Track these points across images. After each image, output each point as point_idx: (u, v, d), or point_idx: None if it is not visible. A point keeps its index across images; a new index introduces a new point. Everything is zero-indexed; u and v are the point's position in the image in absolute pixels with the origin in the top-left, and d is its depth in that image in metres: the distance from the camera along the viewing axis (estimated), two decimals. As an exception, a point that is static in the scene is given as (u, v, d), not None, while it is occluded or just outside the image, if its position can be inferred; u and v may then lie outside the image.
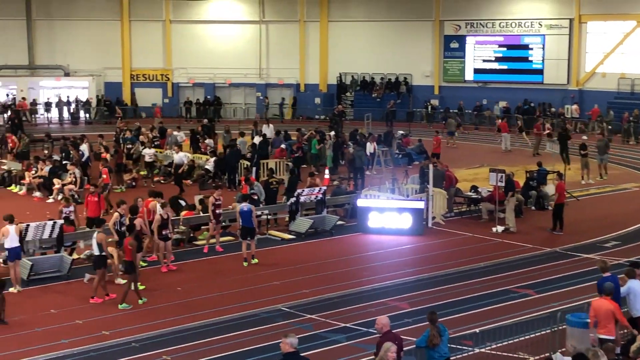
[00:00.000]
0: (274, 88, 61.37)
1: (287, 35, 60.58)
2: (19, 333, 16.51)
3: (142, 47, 61.05)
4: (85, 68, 60.44)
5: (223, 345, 15.84)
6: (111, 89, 60.65)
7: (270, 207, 26.32)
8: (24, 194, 31.36)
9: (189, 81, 61.52)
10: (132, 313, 17.79)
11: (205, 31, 61.38)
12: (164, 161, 36.25)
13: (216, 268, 21.45)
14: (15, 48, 59.37)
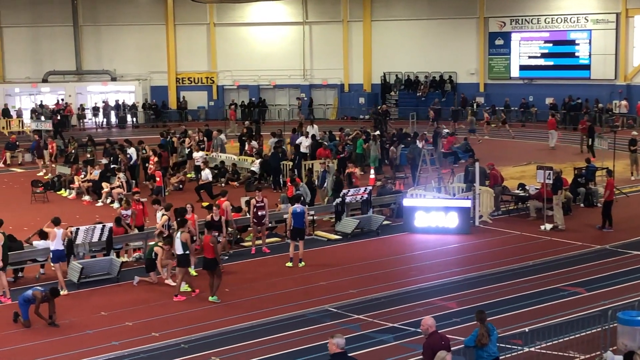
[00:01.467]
0: (318, 89, 61.45)
1: (330, 36, 60.60)
2: (70, 335, 16.74)
3: (187, 51, 61.53)
4: (132, 72, 61.12)
5: (271, 346, 15.89)
6: (157, 93, 61.24)
7: (316, 207, 26.36)
8: (73, 197, 31.81)
9: (233, 84, 61.85)
10: (181, 314, 17.93)
11: (249, 33, 61.65)
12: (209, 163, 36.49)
13: (263, 269, 21.52)
14: (63, 54, 60.26)
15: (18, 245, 20.83)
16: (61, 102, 58.57)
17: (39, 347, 16.05)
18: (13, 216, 27.62)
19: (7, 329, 17.13)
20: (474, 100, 56.53)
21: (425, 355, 12.19)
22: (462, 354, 13.67)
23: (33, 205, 30.58)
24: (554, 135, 42.89)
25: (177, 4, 60.90)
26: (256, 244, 23.40)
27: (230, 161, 35.66)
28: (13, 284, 20.17)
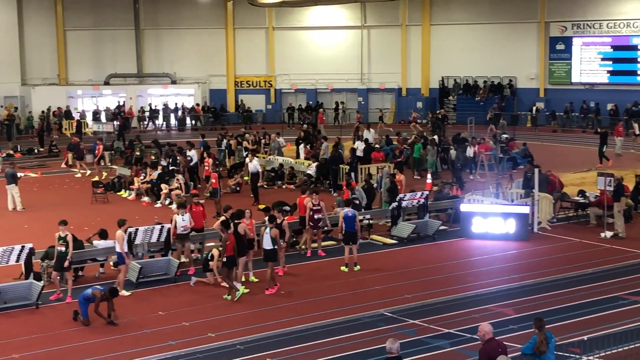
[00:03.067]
0: (375, 93, 61.42)
1: (388, 40, 60.54)
2: (128, 334, 16.97)
3: (246, 54, 62.04)
4: (191, 76, 61.85)
5: (326, 349, 15.90)
6: (216, 96, 61.85)
7: (372, 211, 26.32)
8: (133, 198, 32.26)
9: (291, 87, 62.16)
10: (238, 315, 18.06)
11: (308, 37, 61.91)
12: (266, 166, 36.74)
13: (318, 272, 21.55)
14: (125, 57, 61.26)
15: (79, 245, 21.16)
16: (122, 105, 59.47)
17: (98, 346, 16.30)
18: (74, 216, 28.13)
19: (67, 327, 17.44)
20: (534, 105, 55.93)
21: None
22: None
23: (94, 205, 31.10)
24: (619, 142, 42.05)
25: (236, 8, 61.43)
26: (312, 247, 23.44)
27: (288, 164, 35.82)
28: (73, 282, 20.51)
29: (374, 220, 26.16)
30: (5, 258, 19.04)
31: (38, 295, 18.81)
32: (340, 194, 28.54)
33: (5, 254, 19.02)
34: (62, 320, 17.87)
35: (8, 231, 26.11)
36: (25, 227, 26.85)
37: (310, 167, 34.21)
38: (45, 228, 24.19)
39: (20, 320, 17.96)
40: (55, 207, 30.47)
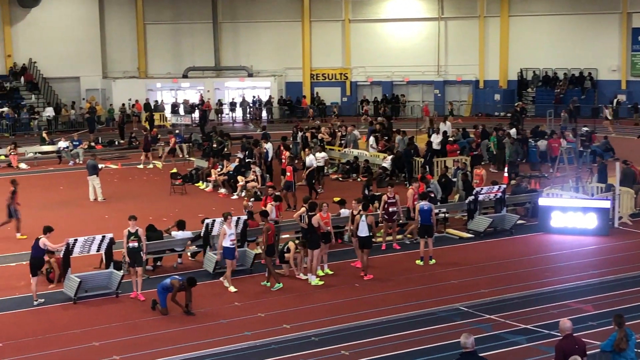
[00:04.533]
0: (452, 85, 60.87)
1: (466, 32, 59.90)
2: (205, 324, 17.20)
3: (322, 47, 62.14)
4: (268, 68, 62.25)
5: (400, 343, 15.84)
6: (292, 89, 62.12)
7: (448, 205, 26.11)
8: (210, 190, 32.64)
9: (367, 80, 62.04)
10: (312, 307, 18.13)
11: (384, 29, 61.67)
12: (342, 159, 36.76)
13: (394, 265, 21.47)
14: (203, 50, 62.06)
15: (157, 235, 21.55)
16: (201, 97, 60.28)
17: (175, 335, 16.56)
18: (153, 207, 28.72)
19: (145, 316, 17.76)
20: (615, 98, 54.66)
21: (557, 357, 11.88)
22: (598, 358, 13.22)
23: (172, 196, 31.59)
24: None
25: (313, 1, 61.60)
26: (387, 240, 23.36)
27: (363, 157, 35.76)
28: (152, 272, 20.91)
29: (450, 214, 25.95)
30: (86, 248, 19.47)
31: (118, 285, 19.19)
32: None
33: (87, 243, 19.45)
34: (141, 309, 18.20)
35: (89, 221, 26.72)
36: (105, 218, 27.43)
37: (386, 160, 34.09)
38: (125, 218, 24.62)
39: (101, 309, 18.36)
40: (135, 198, 31.08)
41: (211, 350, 15.60)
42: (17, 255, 22.24)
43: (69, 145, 41.98)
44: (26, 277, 19.39)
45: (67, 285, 19.03)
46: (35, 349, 15.77)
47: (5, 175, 37.81)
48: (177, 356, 15.32)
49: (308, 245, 20.23)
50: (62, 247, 19.16)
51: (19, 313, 18.09)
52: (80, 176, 32.49)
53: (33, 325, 17.22)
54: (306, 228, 20.70)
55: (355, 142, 38.38)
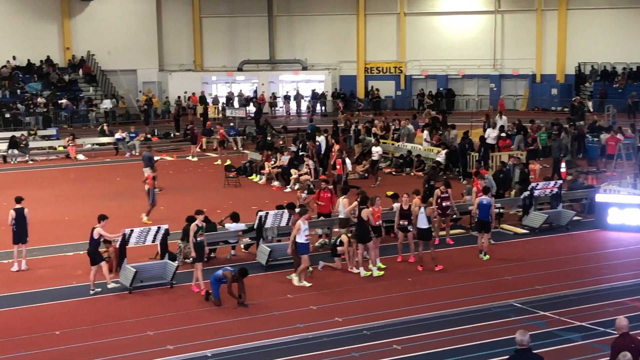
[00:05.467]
0: (508, 79, 60.21)
1: (523, 25, 59.17)
2: (257, 316, 17.29)
3: (377, 41, 61.96)
4: (322, 62, 62.27)
5: (453, 338, 15.74)
6: (346, 82, 62.07)
7: (503, 200, 25.85)
8: (263, 183, 32.81)
9: (421, 73, 61.70)
10: (365, 301, 18.10)
11: (439, 23, 61.27)
12: (395, 153, 36.63)
13: (447, 260, 21.31)
14: (258, 43, 62.36)
15: (211, 227, 21.71)
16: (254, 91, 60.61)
17: (228, 326, 16.68)
18: (207, 199, 28.96)
19: (199, 307, 17.92)
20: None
21: (612, 356, 11.69)
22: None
23: (226, 189, 31.82)
24: None
25: (368, -6, 61.49)
26: (440, 235, 23.22)
27: (416, 151, 35.60)
28: (206, 264, 21.04)
29: (505, 210, 25.69)
30: (142, 238, 19.70)
31: (172, 275, 19.39)
32: (469, 182, 28.12)
33: (142, 234, 19.68)
34: (195, 300, 18.38)
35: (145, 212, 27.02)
36: (161, 209, 27.69)
37: (440, 155, 33.88)
38: (180, 210, 24.90)
39: (155, 299, 18.58)
40: (190, 190, 31.39)
41: (264, 342, 15.68)
42: (74, 245, 22.61)
43: (126, 137, 42.55)
44: (82, 267, 19.71)
45: (122, 275, 19.30)
46: (91, 337, 16.02)
47: (65, 166, 38.52)
48: (230, 347, 15.43)
49: (357, 238, 20.22)
50: (118, 237, 19.43)
51: (76, 302, 18.40)
52: (137, 168, 32.89)
53: (89, 314, 17.50)
54: (357, 222, 20.75)
55: (409, 135, 38.20)
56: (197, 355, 15.06)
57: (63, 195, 31.00)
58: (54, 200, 29.67)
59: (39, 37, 57.41)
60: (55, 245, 23.13)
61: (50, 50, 58.14)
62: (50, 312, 17.69)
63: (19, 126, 48.76)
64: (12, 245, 20.66)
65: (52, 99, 53.97)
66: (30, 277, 20.21)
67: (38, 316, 17.44)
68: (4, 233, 21.79)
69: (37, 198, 28.00)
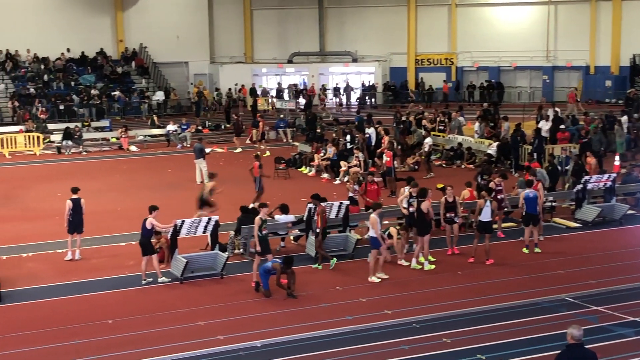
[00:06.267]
0: (561, 71, 59.41)
1: (576, 16, 58.31)
2: (307, 307, 17.35)
3: (427, 32, 61.61)
4: (372, 54, 62.09)
5: (502, 332, 15.62)
6: (396, 74, 61.83)
7: (556, 193, 25.54)
8: (312, 175, 32.87)
9: (473, 65, 61.19)
10: (415, 294, 18.05)
11: (491, 14, 60.70)
12: (446, 145, 36.41)
13: (498, 254, 21.12)
14: (308, 35, 62.41)
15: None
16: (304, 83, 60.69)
17: (277, 317, 16.77)
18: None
19: (249, 298, 18.04)
20: None
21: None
22: None
23: (275, 180, 31.93)
24: None
25: (419, -15, 61.14)
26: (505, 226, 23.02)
27: (467, 143, 35.35)
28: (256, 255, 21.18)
29: (557, 203, 25.39)
30: (193, 229, 19.88)
31: (223, 266, 19.54)
32: (521, 175, 27.87)
33: (193, 225, 19.86)
34: (244, 290, 18.49)
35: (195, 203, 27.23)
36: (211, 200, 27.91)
37: (491, 147, 33.59)
38: (231, 201, 25.08)
39: (206, 289, 18.76)
40: (240, 181, 31.51)
41: (313, 333, 15.73)
42: (126, 235, 22.91)
43: (177, 129, 42.94)
44: (135, 257, 19.97)
45: (174, 265, 19.51)
46: (143, 326, 16.24)
47: (117, 157, 39.03)
48: (279, 338, 15.51)
49: (417, 231, 20.15)
50: (169, 227, 19.63)
51: (128, 291, 18.66)
52: (188, 159, 33.17)
53: (141, 304, 17.73)
54: (408, 214, 20.67)
55: (459, 128, 37.93)
56: (247, 345, 15.17)
57: (116, 186, 31.42)
58: (107, 191, 30.10)
59: (93, 30, 58.20)
60: (108, 235, 23.47)
61: (104, 43, 58.90)
62: (103, 302, 17.96)
63: (73, 118, 49.50)
64: (67, 235, 21.01)
65: (105, 91, 54.70)
66: (83, 266, 20.55)
67: (91, 305, 17.72)
68: (58, 223, 22.16)
69: (90, 189, 28.38)
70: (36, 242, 22.79)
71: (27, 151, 39.90)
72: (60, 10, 56.98)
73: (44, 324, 16.43)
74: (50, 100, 51.82)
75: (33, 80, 54.39)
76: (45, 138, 41.33)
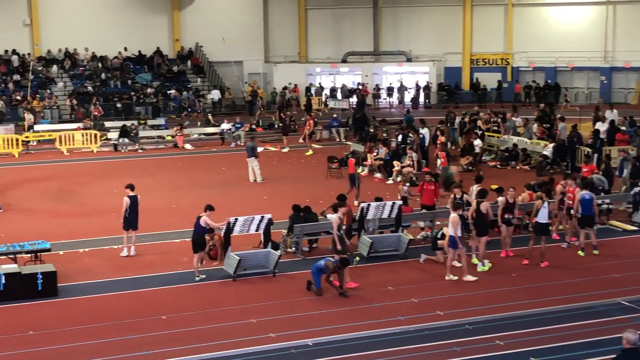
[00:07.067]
0: (619, 72, 58.40)
1: (636, 16, 57.24)
2: (358, 307, 17.34)
3: (483, 32, 61.06)
4: (426, 53, 61.74)
5: (556, 335, 15.43)
6: (451, 74, 61.41)
7: (612, 196, 25.15)
8: (365, 174, 32.80)
9: (529, 65, 60.50)
10: (467, 295, 17.93)
11: (548, 14, 59.93)
12: (501, 146, 36.08)
13: (555, 256, 20.86)
14: (362, 35, 62.28)
15: (313, 217, 21.89)
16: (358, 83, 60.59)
17: (329, 316, 16.79)
18: (309, 189, 29.20)
19: (300, 296, 18.10)
20: None
21: None
22: None
23: (328, 179, 31.97)
24: None
25: (475, -15, 60.63)
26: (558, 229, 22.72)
27: (522, 144, 34.98)
28: (307, 253, 21.28)
29: (614, 205, 24.98)
30: (246, 227, 20.02)
31: (275, 264, 19.64)
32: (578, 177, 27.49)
33: (246, 223, 20.00)
34: (296, 289, 18.55)
35: (248, 202, 27.46)
36: (264, 198, 28.10)
37: (547, 148, 33.20)
38: (283, 200, 25.20)
39: (258, 287, 18.86)
40: (292, 180, 31.70)
41: (364, 333, 15.72)
42: (180, 232, 23.15)
43: (231, 128, 43.25)
44: (188, 253, 20.16)
45: (227, 262, 19.65)
46: (196, 322, 16.39)
47: (172, 155, 39.45)
48: (331, 337, 15.53)
49: (476, 232, 20.01)
50: (222, 225, 19.78)
51: (181, 288, 18.84)
52: (241, 158, 33.38)
53: (194, 300, 17.90)
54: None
55: (514, 128, 37.55)
56: (299, 343, 15.22)
57: (170, 183, 31.76)
58: (162, 188, 30.43)
59: (150, 29, 58.89)
60: (163, 232, 23.74)
61: (160, 42, 59.56)
62: (157, 297, 18.18)
63: (130, 116, 50.15)
64: (122, 231, 21.30)
65: (161, 90, 55.30)
66: (138, 262, 20.82)
67: (145, 301, 17.95)
68: (114, 219, 22.46)
69: (145, 186, 28.76)
70: (92, 237, 23.14)
71: (85, 148, 40.54)
72: (118, 10, 57.79)
73: (100, 319, 16.69)
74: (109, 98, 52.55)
75: (91, 79, 55.25)
76: (102, 135, 41.96)
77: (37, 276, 18.02)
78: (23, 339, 15.58)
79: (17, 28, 55.38)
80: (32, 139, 41.69)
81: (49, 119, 48.99)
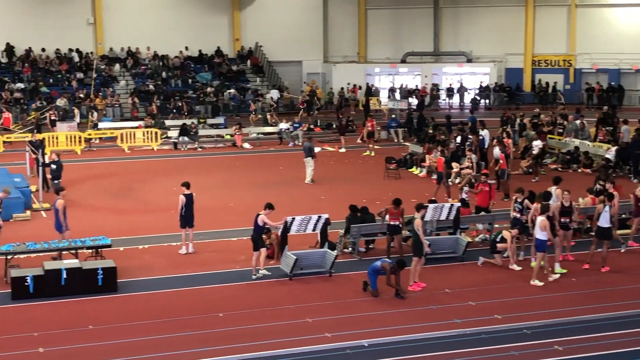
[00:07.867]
0: (683, 74, 57.17)
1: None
2: (415, 308, 17.24)
3: (545, 33, 60.24)
4: (487, 54, 61.17)
5: (617, 342, 15.15)
6: (512, 75, 60.72)
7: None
8: (423, 176, 32.65)
9: (592, 67, 59.51)
10: (525, 299, 17.71)
11: (612, 15, 58.88)
12: (562, 148, 35.55)
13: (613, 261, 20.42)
14: (422, 35, 61.99)
15: (370, 218, 21.83)
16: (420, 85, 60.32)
17: (385, 317, 16.74)
18: (367, 190, 29.15)
19: (357, 297, 18.06)
20: None
21: None
22: None
23: (385, 180, 31.87)
24: None
25: (539, -15, 59.87)
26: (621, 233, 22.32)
27: (584, 147, 34.42)
28: (364, 254, 21.23)
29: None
30: (303, 226, 20.05)
31: (331, 264, 19.64)
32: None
33: (303, 222, 20.02)
34: (352, 289, 18.52)
35: (306, 201, 27.51)
36: (321, 199, 28.11)
37: (610, 151, 32.60)
38: (341, 200, 25.18)
39: (314, 287, 18.87)
40: (350, 181, 31.67)
41: (421, 335, 15.63)
42: (238, 231, 23.28)
43: (290, 127, 43.39)
44: (245, 252, 20.26)
45: (283, 261, 19.71)
46: (252, 320, 16.46)
47: (231, 154, 39.73)
48: (386, 338, 15.47)
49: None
50: (280, 224, 19.84)
51: (238, 286, 18.95)
52: (299, 157, 33.45)
53: (251, 298, 17.98)
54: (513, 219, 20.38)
55: (576, 131, 36.95)
56: (354, 344, 15.19)
57: (229, 182, 31.99)
58: (221, 187, 30.66)
59: (211, 29, 59.48)
60: (220, 230, 23.91)
61: (221, 41, 60.08)
62: (215, 295, 18.31)
63: (190, 114, 50.64)
64: (180, 229, 21.51)
65: (221, 89, 55.74)
66: (196, 260, 21.00)
67: (203, 298, 18.09)
68: (173, 217, 22.70)
69: (204, 184, 29.02)
70: (152, 234, 23.42)
71: (145, 146, 41.06)
72: (180, 10, 58.47)
73: (158, 315, 16.87)
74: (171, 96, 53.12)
75: (152, 77, 55.97)
76: (162, 134, 42.45)
77: (97, 271, 18.30)
78: (83, 333, 15.82)
79: (81, 27, 56.45)
80: (94, 136, 42.37)
81: (111, 117, 49.78)
